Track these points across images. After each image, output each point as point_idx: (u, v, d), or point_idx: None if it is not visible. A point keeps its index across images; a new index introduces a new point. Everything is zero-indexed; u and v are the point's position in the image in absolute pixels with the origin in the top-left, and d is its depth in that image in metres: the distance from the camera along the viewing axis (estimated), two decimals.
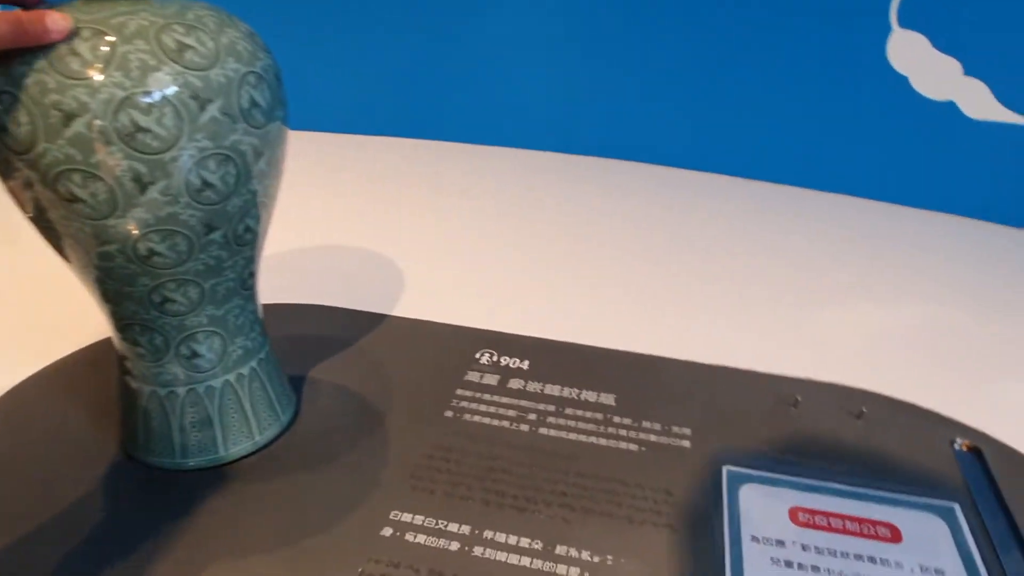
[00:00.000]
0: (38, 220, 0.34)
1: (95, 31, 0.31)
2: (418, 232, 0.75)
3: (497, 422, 0.47)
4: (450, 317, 0.58)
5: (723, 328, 0.60)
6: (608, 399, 0.49)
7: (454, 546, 0.38)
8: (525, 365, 0.52)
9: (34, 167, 0.31)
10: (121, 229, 0.33)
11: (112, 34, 0.31)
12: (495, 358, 0.53)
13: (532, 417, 0.47)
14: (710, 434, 0.46)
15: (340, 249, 0.70)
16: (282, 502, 0.40)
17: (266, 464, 0.43)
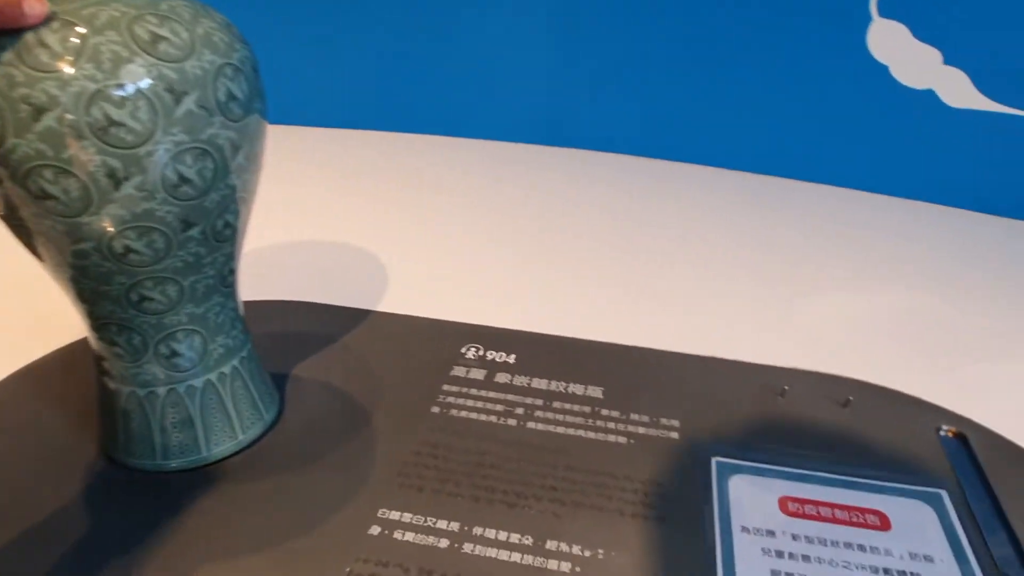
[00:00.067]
0: (9, 218, 0.33)
1: (65, 22, 0.30)
2: (401, 226, 0.75)
3: (484, 417, 0.46)
4: (435, 312, 0.57)
5: (709, 319, 0.60)
6: (596, 392, 0.49)
7: (443, 543, 0.37)
8: (511, 359, 0.52)
9: (3, 163, 0.30)
10: (96, 226, 0.32)
11: (82, 25, 0.30)
12: (481, 352, 0.52)
13: (519, 411, 0.47)
14: (698, 425, 0.46)
15: (322, 244, 0.69)
16: (267, 502, 0.40)
17: (250, 464, 0.42)
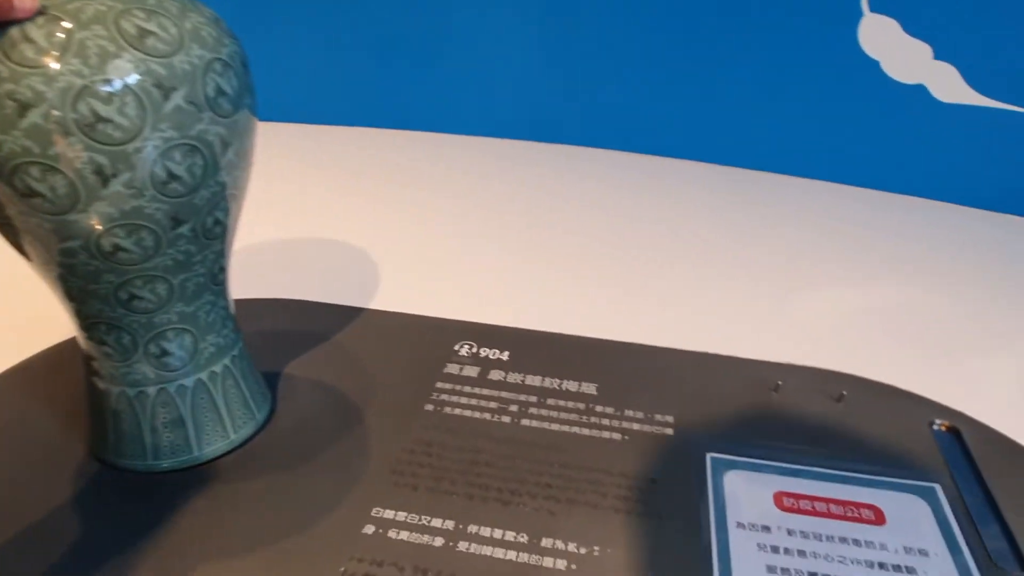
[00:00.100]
0: None
1: (50, 17, 0.29)
2: (393, 224, 0.74)
3: (478, 414, 0.46)
4: (427, 309, 0.57)
5: (703, 314, 0.60)
6: (590, 388, 0.49)
7: (438, 542, 0.37)
8: (505, 356, 0.52)
9: None
10: (83, 224, 0.32)
11: (68, 20, 0.29)
12: (474, 349, 0.52)
13: (514, 408, 0.46)
14: (693, 421, 0.46)
15: (313, 242, 0.69)
16: (260, 502, 0.39)
17: (242, 464, 0.42)
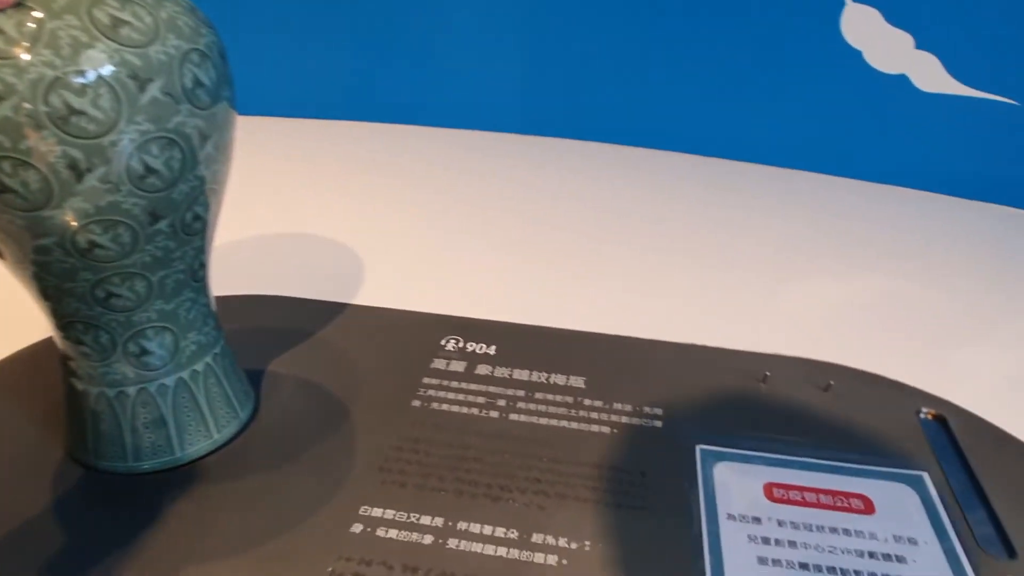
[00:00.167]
0: None
1: (20, 6, 0.28)
2: (376, 218, 0.74)
3: (466, 410, 0.45)
4: (413, 304, 0.56)
5: (690, 306, 0.60)
6: (578, 382, 0.48)
7: (427, 539, 0.36)
8: (492, 350, 0.51)
9: None
10: (58, 221, 0.31)
11: (39, 9, 0.28)
12: (461, 344, 0.52)
13: (501, 403, 0.46)
14: (682, 413, 0.46)
15: (295, 237, 0.68)
16: (245, 503, 0.38)
17: (226, 463, 0.41)
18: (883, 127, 0.81)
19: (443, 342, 0.52)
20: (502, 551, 0.36)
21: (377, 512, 0.38)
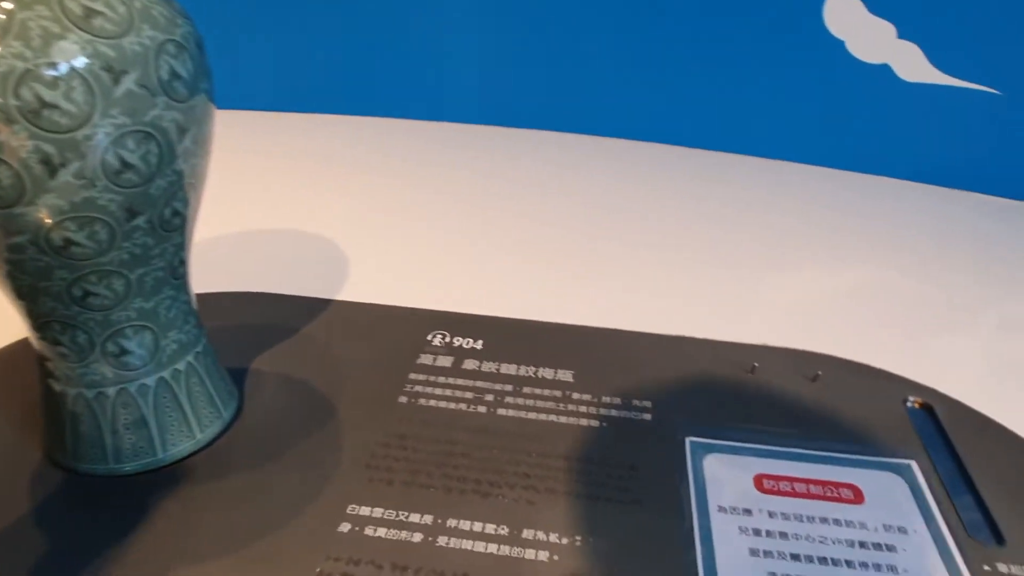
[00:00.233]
0: None
1: None
2: (359, 212, 0.73)
3: (454, 405, 0.45)
4: (398, 299, 0.56)
5: (676, 298, 0.60)
6: (566, 375, 0.48)
7: (417, 537, 0.36)
8: (479, 345, 0.51)
9: None
10: (31, 218, 0.30)
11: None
12: (448, 339, 0.51)
13: (489, 398, 0.46)
14: (671, 406, 0.45)
15: (277, 233, 0.67)
16: (230, 503, 0.38)
17: (210, 464, 0.40)
18: (866, 117, 0.81)
19: (429, 337, 0.51)
20: (492, 548, 0.36)
21: (365, 510, 0.37)
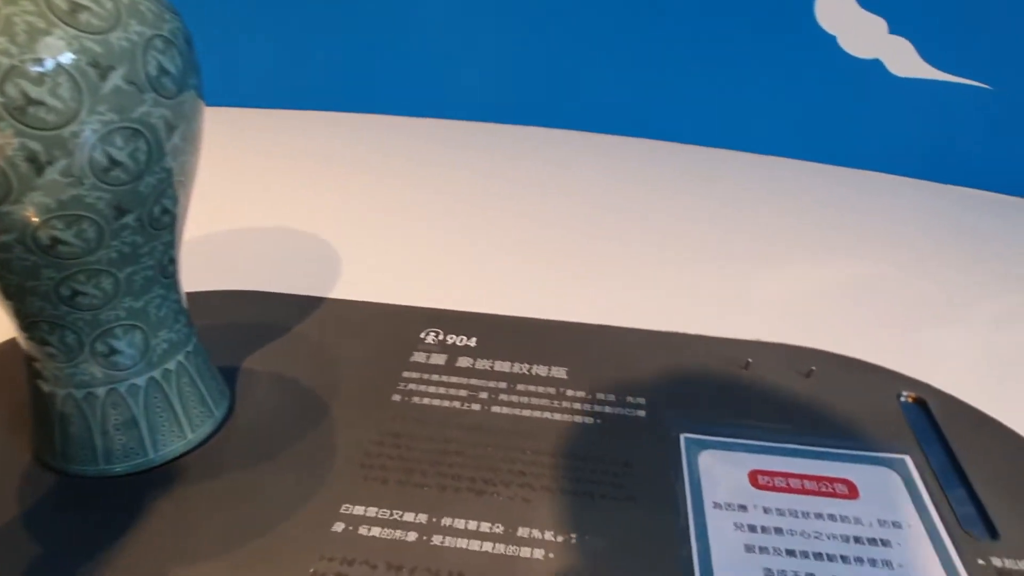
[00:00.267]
0: None
1: None
2: (351, 210, 0.72)
3: (448, 403, 0.45)
4: (391, 297, 0.55)
5: (670, 295, 0.60)
6: (560, 372, 0.48)
7: (411, 536, 0.36)
8: (472, 342, 0.50)
9: None
10: (17, 216, 0.30)
11: None
12: (441, 337, 0.51)
13: (483, 396, 0.45)
14: (665, 402, 0.45)
15: (268, 231, 0.67)
16: (222, 504, 0.37)
17: (202, 464, 0.40)
18: (858, 112, 0.81)
19: (423, 335, 0.51)
20: (487, 546, 0.35)
21: (359, 510, 0.37)
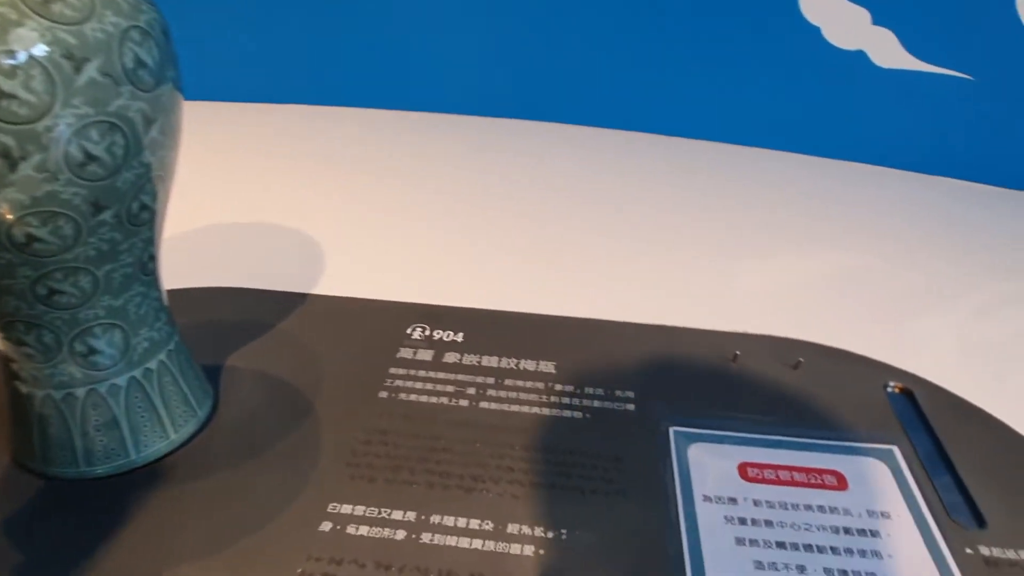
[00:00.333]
0: None
1: None
2: (335, 205, 0.71)
3: (435, 399, 0.44)
4: (376, 292, 0.55)
5: (657, 287, 0.60)
6: (548, 367, 0.47)
7: (400, 535, 0.35)
8: (459, 337, 0.50)
9: None
10: None
11: None
12: (428, 332, 0.50)
13: (471, 391, 0.45)
14: (654, 395, 0.45)
15: (250, 226, 0.66)
16: (207, 504, 0.37)
17: (186, 464, 0.39)
18: (842, 104, 0.81)
19: (409, 331, 0.50)
20: (477, 543, 0.35)
21: (346, 508, 0.37)
